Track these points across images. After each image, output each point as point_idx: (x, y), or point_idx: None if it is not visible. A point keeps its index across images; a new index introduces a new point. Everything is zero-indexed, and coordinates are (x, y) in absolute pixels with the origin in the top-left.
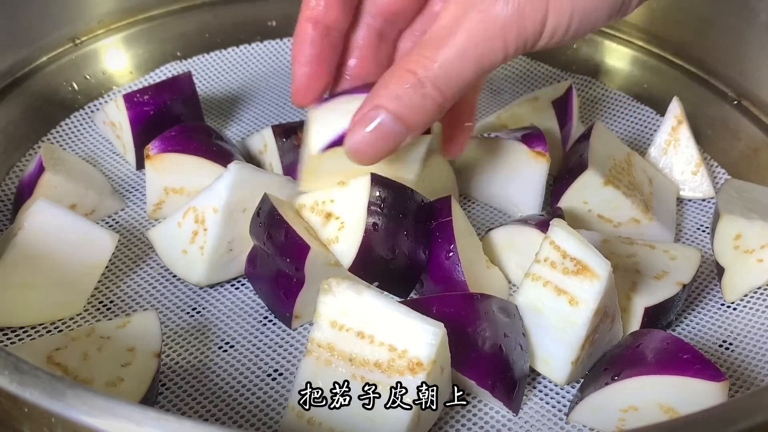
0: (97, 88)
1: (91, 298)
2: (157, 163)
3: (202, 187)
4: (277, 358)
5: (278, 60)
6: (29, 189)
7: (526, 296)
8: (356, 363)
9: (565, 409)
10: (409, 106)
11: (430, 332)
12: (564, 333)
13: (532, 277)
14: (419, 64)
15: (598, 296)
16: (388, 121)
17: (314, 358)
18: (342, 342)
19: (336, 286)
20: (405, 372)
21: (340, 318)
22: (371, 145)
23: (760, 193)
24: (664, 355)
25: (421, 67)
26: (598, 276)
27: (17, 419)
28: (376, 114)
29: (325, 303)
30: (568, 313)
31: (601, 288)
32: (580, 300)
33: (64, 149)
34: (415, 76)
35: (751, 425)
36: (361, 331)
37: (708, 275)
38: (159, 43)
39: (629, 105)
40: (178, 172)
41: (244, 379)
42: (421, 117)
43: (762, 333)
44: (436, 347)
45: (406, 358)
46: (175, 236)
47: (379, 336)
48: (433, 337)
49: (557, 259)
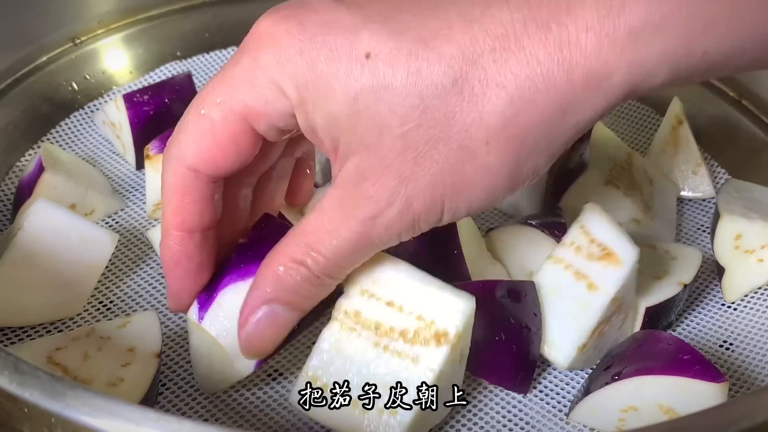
0: (97, 88)
1: (91, 299)
2: (157, 163)
3: None
4: (278, 357)
5: None
6: (29, 189)
7: (545, 277)
8: (381, 332)
9: (565, 409)
10: (305, 296)
11: (461, 304)
12: (576, 317)
13: (554, 260)
14: (308, 258)
15: (619, 283)
16: (282, 312)
17: (338, 324)
18: (370, 310)
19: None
20: (430, 342)
21: (372, 287)
22: (267, 337)
23: (760, 193)
24: (665, 356)
25: (311, 261)
26: (621, 263)
27: (17, 419)
28: (270, 308)
29: (360, 271)
30: (585, 297)
31: (624, 275)
32: (600, 285)
33: (64, 149)
34: (309, 270)
35: (751, 425)
36: (391, 301)
37: (708, 275)
38: (159, 43)
39: (629, 105)
40: None
41: (244, 378)
42: (319, 299)
43: (762, 333)
44: (465, 319)
45: (433, 329)
46: None
47: (408, 306)
48: (463, 308)
49: (584, 244)
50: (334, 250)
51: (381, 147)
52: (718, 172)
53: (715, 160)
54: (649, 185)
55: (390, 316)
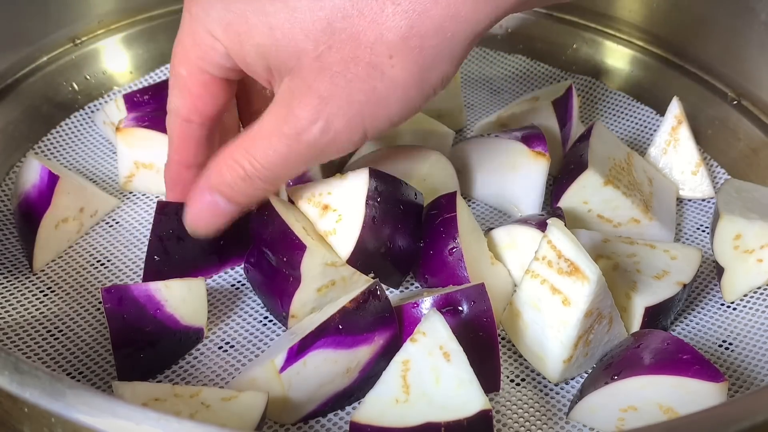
0: (97, 88)
1: (93, 299)
2: (126, 136)
3: None
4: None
5: None
6: (44, 199)
7: (526, 293)
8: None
9: (565, 409)
10: (241, 193)
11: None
12: (557, 332)
13: (531, 274)
14: (245, 160)
15: (588, 299)
16: (222, 202)
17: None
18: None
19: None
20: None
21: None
22: (206, 220)
23: (760, 193)
24: (664, 356)
25: (247, 163)
26: (588, 279)
27: (17, 419)
28: (211, 196)
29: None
30: (561, 312)
31: (591, 291)
32: (573, 300)
33: (63, 149)
34: (244, 171)
35: (750, 425)
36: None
37: (708, 275)
38: (159, 43)
39: (629, 105)
40: (147, 147)
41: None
42: (253, 199)
43: (762, 333)
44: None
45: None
46: None
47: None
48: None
49: (553, 259)
50: (267, 159)
51: (302, 69)
52: (718, 172)
53: (715, 160)
54: (649, 185)
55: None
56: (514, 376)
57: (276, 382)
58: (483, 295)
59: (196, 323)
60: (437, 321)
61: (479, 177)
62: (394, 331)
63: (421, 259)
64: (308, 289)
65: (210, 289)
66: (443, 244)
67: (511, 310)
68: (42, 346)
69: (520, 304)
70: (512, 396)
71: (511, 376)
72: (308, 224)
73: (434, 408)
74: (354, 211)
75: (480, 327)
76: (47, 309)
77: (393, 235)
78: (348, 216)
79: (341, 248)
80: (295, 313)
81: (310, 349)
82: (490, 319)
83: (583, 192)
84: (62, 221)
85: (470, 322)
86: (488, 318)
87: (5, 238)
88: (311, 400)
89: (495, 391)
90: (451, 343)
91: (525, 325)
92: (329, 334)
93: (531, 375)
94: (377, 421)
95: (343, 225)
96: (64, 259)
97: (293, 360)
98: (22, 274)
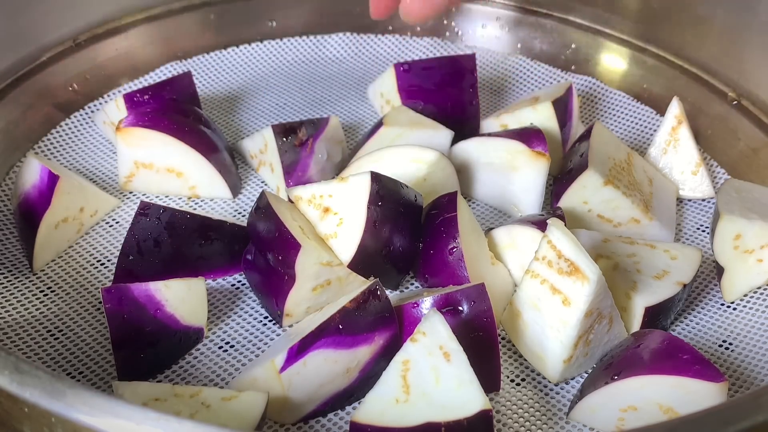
0: (97, 88)
1: (93, 299)
2: (126, 136)
3: (171, 165)
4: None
5: (278, 60)
6: (44, 199)
7: (526, 293)
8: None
9: (565, 409)
10: None
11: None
12: (557, 332)
13: (531, 274)
14: None
15: (588, 298)
16: None
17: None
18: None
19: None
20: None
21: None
22: (419, 3)
23: (760, 193)
24: (664, 356)
25: None
26: (588, 279)
27: (17, 419)
28: None
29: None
30: (561, 312)
31: (591, 291)
32: (573, 301)
33: (63, 149)
34: None
35: (750, 425)
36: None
37: (708, 275)
38: (159, 43)
39: (629, 105)
40: (147, 147)
41: None
42: None
43: (762, 333)
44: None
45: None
46: None
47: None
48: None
49: (553, 259)
50: None
51: None
52: (718, 172)
53: (715, 160)
54: (649, 185)
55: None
56: (514, 376)
57: (276, 382)
58: (483, 295)
59: (196, 323)
60: (437, 321)
61: (479, 177)
62: (394, 331)
63: (422, 259)
64: (303, 288)
65: (210, 289)
66: (444, 244)
67: (511, 310)
68: (42, 346)
69: (520, 304)
70: (512, 396)
71: (511, 376)
72: (306, 224)
73: (434, 408)
74: (355, 215)
75: (480, 327)
76: (47, 309)
77: (394, 238)
78: (349, 220)
79: (343, 252)
80: (289, 312)
81: (310, 349)
82: (490, 319)
83: (583, 192)
84: (62, 221)
85: (470, 322)
86: (488, 318)
87: (5, 238)
88: (311, 400)
89: (495, 391)
90: (451, 343)
91: (525, 325)
92: (329, 334)
93: (531, 375)
94: (377, 421)
95: (345, 229)
96: (64, 259)
97: (293, 360)
98: (22, 274)
